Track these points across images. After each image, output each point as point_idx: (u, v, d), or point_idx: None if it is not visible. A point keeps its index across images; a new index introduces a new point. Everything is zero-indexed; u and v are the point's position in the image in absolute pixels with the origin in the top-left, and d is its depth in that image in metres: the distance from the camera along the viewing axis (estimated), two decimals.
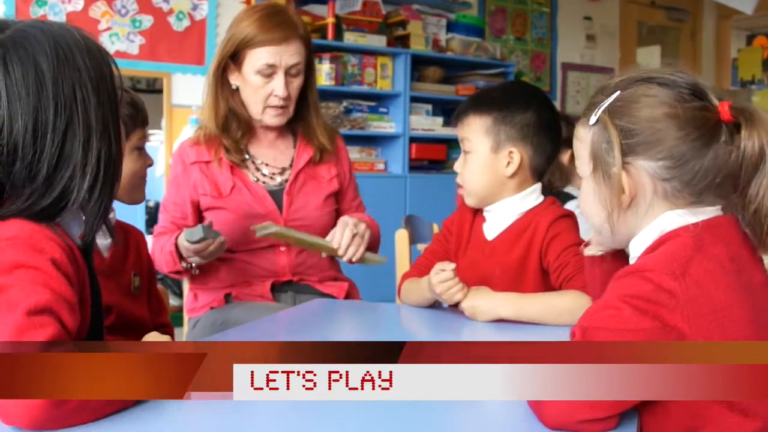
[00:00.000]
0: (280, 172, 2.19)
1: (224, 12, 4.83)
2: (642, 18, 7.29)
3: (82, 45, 1.10)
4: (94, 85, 1.09)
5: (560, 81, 6.57)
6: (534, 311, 1.60)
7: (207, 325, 2.06)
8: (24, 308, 0.93)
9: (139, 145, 1.64)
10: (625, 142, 1.09)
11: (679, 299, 0.98)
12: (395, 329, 1.79)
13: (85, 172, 1.07)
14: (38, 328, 0.92)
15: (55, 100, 1.05)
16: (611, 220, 1.13)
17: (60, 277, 1.00)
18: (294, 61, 2.07)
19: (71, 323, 0.98)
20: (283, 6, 2.07)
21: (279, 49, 2.04)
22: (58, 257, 1.01)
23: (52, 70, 1.06)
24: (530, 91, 1.90)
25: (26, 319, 0.92)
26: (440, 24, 5.33)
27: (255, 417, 1.03)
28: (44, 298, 0.95)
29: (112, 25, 4.53)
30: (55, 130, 1.05)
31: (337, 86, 4.71)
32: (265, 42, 2.03)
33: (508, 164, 1.76)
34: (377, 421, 1.01)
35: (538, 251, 1.73)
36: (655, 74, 1.12)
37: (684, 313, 0.97)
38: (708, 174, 1.08)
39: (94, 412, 0.93)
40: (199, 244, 1.91)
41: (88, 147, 1.07)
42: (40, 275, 0.97)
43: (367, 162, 4.98)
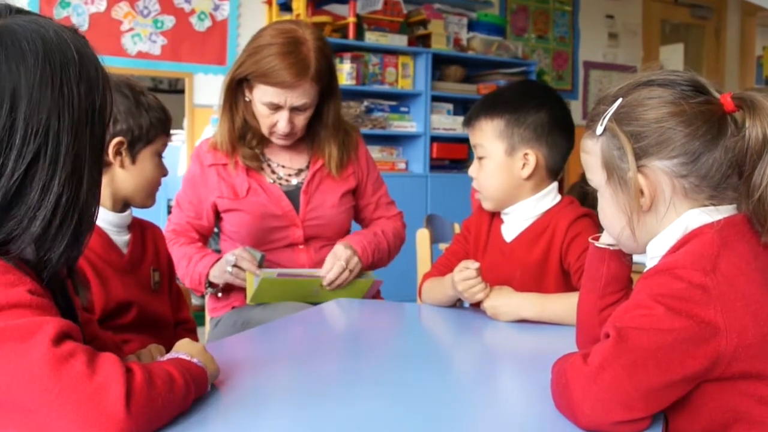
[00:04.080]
0: (296, 173, 2.21)
1: (246, 12, 4.85)
2: (665, 16, 7.23)
3: (76, 63, 0.94)
4: (76, 118, 0.92)
5: (582, 80, 6.54)
6: (557, 311, 1.59)
7: (228, 325, 2.08)
8: (47, 337, 0.85)
9: (161, 151, 1.64)
10: (636, 145, 1.09)
11: (712, 294, 0.97)
12: (416, 329, 1.78)
13: (36, 216, 0.90)
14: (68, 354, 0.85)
15: (25, 123, 0.88)
16: (632, 224, 1.12)
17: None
18: (300, 103, 2.07)
19: (76, 333, 0.92)
20: (302, 39, 2.03)
21: (285, 92, 2.04)
22: (31, 287, 0.90)
23: (31, 86, 0.89)
24: (540, 90, 1.88)
25: (53, 349, 0.84)
26: (461, 23, 5.32)
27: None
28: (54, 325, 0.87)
29: (134, 25, 4.56)
30: (18, 159, 0.88)
31: (358, 86, 4.71)
32: (274, 83, 2.03)
33: (524, 166, 1.75)
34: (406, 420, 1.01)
35: (558, 252, 1.72)
36: (654, 77, 1.12)
37: (717, 308, 0.97)
38: (722, 165, 1.08)
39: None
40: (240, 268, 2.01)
41: (47, 189, 0.90)
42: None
43: (388, 161, 4.98)
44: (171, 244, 2.10)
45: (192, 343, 1.10)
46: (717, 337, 0.96)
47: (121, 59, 4.47)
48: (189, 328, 1.80)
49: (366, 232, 2.26)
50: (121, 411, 0.84)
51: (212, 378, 1.07)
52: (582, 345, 1.29)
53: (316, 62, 2.04)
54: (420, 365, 1.31)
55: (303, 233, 2.16)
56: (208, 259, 2.10)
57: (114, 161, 1.56)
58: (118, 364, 0.87)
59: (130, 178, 1.59)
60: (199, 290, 2.13)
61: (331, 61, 2.13)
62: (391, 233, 2.29)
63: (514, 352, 1.50)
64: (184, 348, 1.07)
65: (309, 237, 2.17)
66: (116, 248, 1.60)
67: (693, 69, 1.14)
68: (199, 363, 1.03)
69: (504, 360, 1.45)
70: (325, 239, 2.20)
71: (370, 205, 2.32)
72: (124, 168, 1.58)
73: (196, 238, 2.21)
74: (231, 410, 1.03)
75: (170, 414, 0.94)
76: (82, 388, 0.83)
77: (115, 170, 1.57)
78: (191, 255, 2.12)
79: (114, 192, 1.59)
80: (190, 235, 2.20)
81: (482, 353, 1.54)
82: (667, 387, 0.96)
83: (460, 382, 1.28)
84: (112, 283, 1.55)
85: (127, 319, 1.57)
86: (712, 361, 0.96)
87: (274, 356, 1.37)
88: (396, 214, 2.37)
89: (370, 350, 1.50)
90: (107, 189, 1.57)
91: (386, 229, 2.28)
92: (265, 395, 1.11)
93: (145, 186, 1.62)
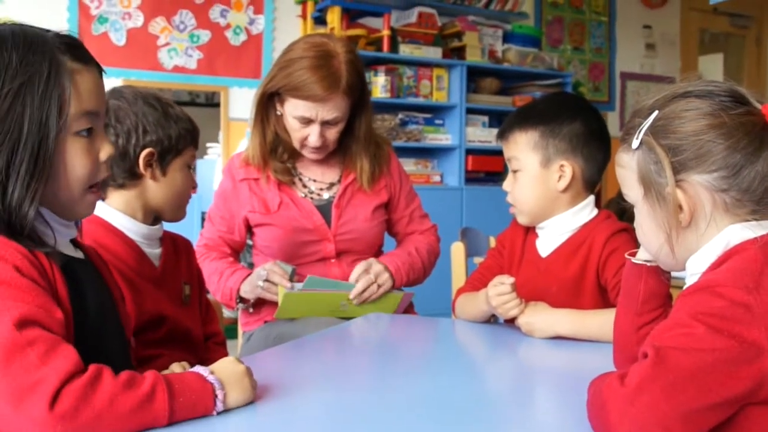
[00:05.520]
0: (328, 187, 2.21)
1: (281, 26, 4.88)
2: (704, 25, 7.14)
3: (19, 36, 1.04)
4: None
5: (619, 91, 6.47)
6: (593, 329, 1.55)
7: (261, 339, 2.07)
8: (10, 322, 0.91)
9: (190, 164, 1.64)
10: (674, 159, 1.06)
11: (755, 313, 0.94)
12: (450, 345, 1.76)
13: None
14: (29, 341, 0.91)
15: None
16: (671, 241, 1.09)
17: (27, 282, 0.97)
18: (331, 116, 2.06)
19: (54, 323, 0.96)
20: (333, 52, 2.04)
21: (316, 105, 2.04)
22: (20, 263, 0.98)
23: None
24: (575, 101, 1.85)
25: (15, 333, 0.91)
26: (496, 35, 5.29)
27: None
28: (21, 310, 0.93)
29: (170, 40, 4.61)
30: None
31: (392, 98, 4.71)
32: (305, 97, 2.03)
33: (560, 178, 1.72)
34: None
35: (595, 267, 1.69)
36: (691, 88, 1.09)
37: (761, 327, 0.93)
38: (765, 178, 1.05)
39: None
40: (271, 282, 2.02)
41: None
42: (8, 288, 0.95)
43: (423, 174, 4.97)
44: (203, 259, 2.11)
45: (234, 363, 1.09)
46: (761, 358, 0.92)
47: (158, 73, 4.52)
48: (219, 342, 1.79)
49: (399, 251, 2.24)
50: (42, 409, 0.87)
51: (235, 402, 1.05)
52: (619, 364, 1.26)
53: (347, 75, 2.03)
54: (453, 382, 1.29)
55: (335, 247, 2.15)
56: (238, 275, 2.11)
57: (145, 173, 1.56)
58: (72, 361, 0.91)
59: (161, 191, 1.59)
60: (230, 305, 2.13)
61: (363, 74, 2.13)
62: (425, 250, 2.27)
63: (549, 370, 1.47)
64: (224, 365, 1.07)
65: (341, 251, 2.17)
66: (148, 261, 1.60)
67: (733, 79, 1.11)
68: (212, 380, 1.02)
69: (539, 378, 1.42)
70: (357, 253, 2.19)
71: (404, 219, 2.31)
72: (155, 180, 1.58)
73: (227, 252, 2.22)
74: (264, 425, 1.03)
75: (119, 422, 0.92)
76: (22, 379, 0.89)
77: (146, 182, 1.57)
78: (222, 270, 2.13)
79: (144, 204, 1.59)
80: (222, 249, 2.21)
81: (516, 370, 1.51)
82: (707, 410, 0.92)
83: (494, 400, 1.26)
84: (145, 296, 1.55)
85: (159, 333, 1.57)
86: (756, 382, 0.92)
87: (307, 371, 1.36)
88: (430, 228, 2.35)
89: (402, 366, 1.48)
90: (138, 201, 1.58)
91: (420, 246, 2.26)
92: (297, 410, 1.10)
93: (175, 198, 1.62)
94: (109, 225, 1.55)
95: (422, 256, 2.24)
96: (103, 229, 1.54)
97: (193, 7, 4.69)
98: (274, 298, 2.03)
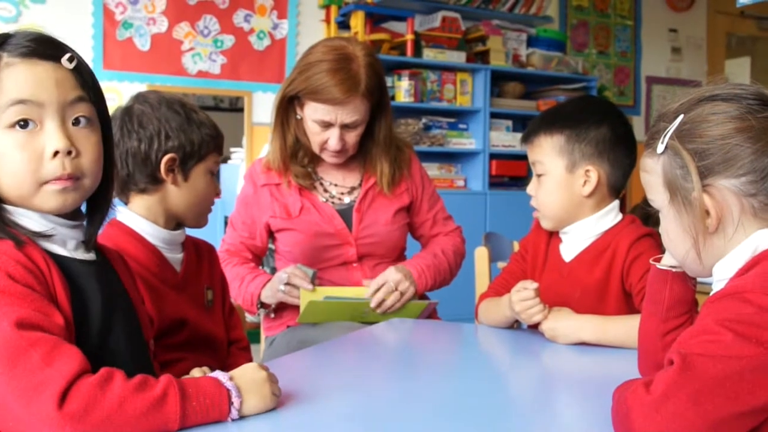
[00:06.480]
0: (348, 192, 2.20)
1: (304, 30, 4.90)
2: (731, 29, 7.06)
3: None
4: None
5: (644, 95, 6.42)
6: (618, 335, 1.54)
7: (283, 344, 2.07)
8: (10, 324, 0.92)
9: (213, 170, 1.64)
10: (700, 164, 1.04)
11: None
12: (473, 350, 1.75)
13: None
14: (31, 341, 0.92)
15: None
16: (697, 246, 1.07)
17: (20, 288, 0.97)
18: (350, 120, 2.06)
19: (54, 327, 0.96)
20: (352, 55, 2.03)
21: (336, 108, 2.04)
22: (12, 270, 0.98)
23: None
24: (601, 105, 1.83)
25: (16, 334, 0.92)
26: (520, 39, 5.27)
27: None
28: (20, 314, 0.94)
29: (194, 45, 4.64)
30: None
31: (416, 103, 4.70)
32: (324, 100, 2.03)
33: (585, 183, 1.70)
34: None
35: (620, 273, 1.67)
36: (717, 91, 1.07)
37: None
38: None
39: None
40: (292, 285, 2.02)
41: None
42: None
43: (447, 179, 4.95)
44: (225, 264, 2.11)
45: (255, 370, 1.08)
46: None
47: (182, 78, 4.55)
48: (242, 347, 1.78)
49: (424, 254, 2.23)
50: (52, 408, 0.88)
51: (253, 409, 1.04)
52: (644, 370, 1.24)
53: (366, 78, 2.03)
54: (476, 388, 1.28)
55: (356, 251, 2.15)
56: (259, 280, 2.11)
57: (167, 178, 1.56)
58: (77, 361, 0.92)
59: (183, 196, 1.59)
60: (252, 311, 2.14)
61: (382, 78, 2.12)
62: (451, 251, 2.26)
63: (573, 376, 1.45)
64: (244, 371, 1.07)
65: (362, 255, 2.16)
66: (170, 266, 1.60)
67: (760, 83, 1.09)
68: (229, 386, 1.02)
69: (562, 384, 1.41)
70: (378, 257, 2.18)
71: (427, 222, 2.30)
72: (176, 185, 1.58)
73: (249, 258, 2.22)
74: (285, 430, 1.02)
75: (129, 424, 0.92)
76: (28, 379, 0.90)
77: (168, 187, 1.57)
78: (243, 276, 2.13)
79: (166, 209, 1.59)
80: (244, 255, 2.21)
81: (540, 376, 1.49)
82: (735, 418, 0.90)
83: (517, 406, 1.24)
84: (166, 301, 1.55)
85: (180, 337, 1.57)
86: None
87: (329, 376, 1.36)
88: (454, 229, 2.35)
89: (425, 372, 1.47)
90: (159, 206, 1.58)
91: (446, 247, 2.25)
92: (318, 416, 1.09)
93: (197, 204, 1.62)
94: (130, 230, 1.55)
95: (448, 257, 2.24)
96: (124, 234, 1.54)
97: (217, 12, 4.71)
98: (295, 301, 2.03)
